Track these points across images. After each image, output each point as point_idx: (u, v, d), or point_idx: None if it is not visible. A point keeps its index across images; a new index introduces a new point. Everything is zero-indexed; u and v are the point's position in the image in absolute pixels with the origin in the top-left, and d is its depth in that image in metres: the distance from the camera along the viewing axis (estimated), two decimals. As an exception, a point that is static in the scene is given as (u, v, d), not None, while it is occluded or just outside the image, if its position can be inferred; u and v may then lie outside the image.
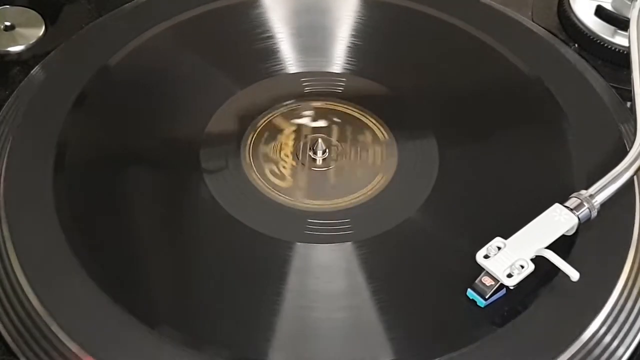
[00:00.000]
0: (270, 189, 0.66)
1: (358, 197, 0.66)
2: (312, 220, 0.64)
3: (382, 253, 0.62)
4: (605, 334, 0.58)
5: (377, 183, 0.67)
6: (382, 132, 0.70)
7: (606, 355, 0.58)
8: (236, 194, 0.65)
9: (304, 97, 0.72)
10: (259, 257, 0.62)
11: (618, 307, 0.59)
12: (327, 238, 0.62)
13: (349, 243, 0.62)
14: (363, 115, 0.71)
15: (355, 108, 0.71)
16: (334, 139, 0.69)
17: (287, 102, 0.72)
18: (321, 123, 0.71)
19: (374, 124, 0.70)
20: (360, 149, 0.69)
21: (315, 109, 0.72)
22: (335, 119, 0.71)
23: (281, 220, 0.64)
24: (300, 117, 0.71)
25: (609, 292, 0.59)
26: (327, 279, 0.61)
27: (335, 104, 0.72)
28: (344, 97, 0.72)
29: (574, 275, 0.57)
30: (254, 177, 0.67)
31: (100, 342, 0.56)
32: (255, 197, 0.65)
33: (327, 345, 0.57)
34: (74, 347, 0.56)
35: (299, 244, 0.62)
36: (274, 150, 0.68)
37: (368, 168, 0.68)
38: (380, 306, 0.59)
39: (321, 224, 0.63)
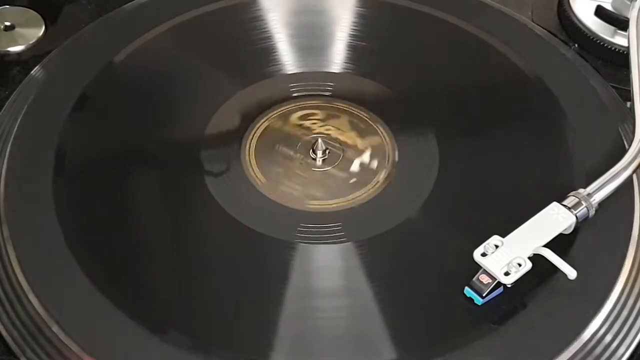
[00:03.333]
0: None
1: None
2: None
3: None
4: (606, 333, 0.58)
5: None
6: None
7: (607, 354, 0.58)
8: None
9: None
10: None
11: (619, 306, 0.59)
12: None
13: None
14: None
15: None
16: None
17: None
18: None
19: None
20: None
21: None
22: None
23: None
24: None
25: (609, 290, 0.59)
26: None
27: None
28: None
29: (571, 273, 0.57)
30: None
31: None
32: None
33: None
34: (74, 347, 0.56)
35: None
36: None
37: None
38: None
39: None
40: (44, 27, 0.79)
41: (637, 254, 0.61)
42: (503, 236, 0.59)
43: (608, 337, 0.58)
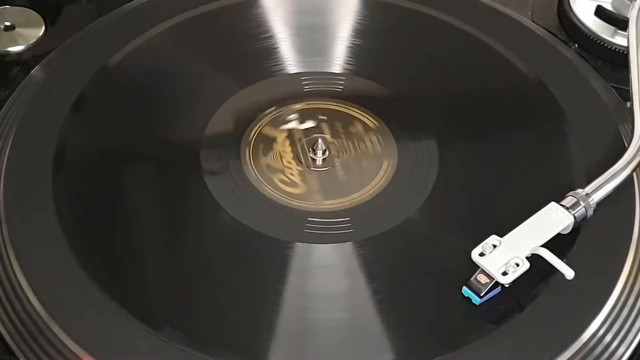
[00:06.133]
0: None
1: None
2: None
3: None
4: (606, 333, 0.58)
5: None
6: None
7: (607, 354, 0.58)
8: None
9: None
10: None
11: (619, 306, 0.59)
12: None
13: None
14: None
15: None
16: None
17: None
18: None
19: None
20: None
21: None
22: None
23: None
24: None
25: (610, 290, 0.59)
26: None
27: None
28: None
29: (568, 273, 0.57)
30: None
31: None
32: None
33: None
34: (74, 347, 0.56)
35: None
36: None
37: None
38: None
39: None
40: (44, 27, 0.78)
41: (637, 254, 0.61)
42: (503, 236, 0.59)
43: (608, 337, 0.58)
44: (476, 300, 0.57)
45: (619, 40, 0.77)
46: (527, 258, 0.57)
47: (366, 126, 0.70)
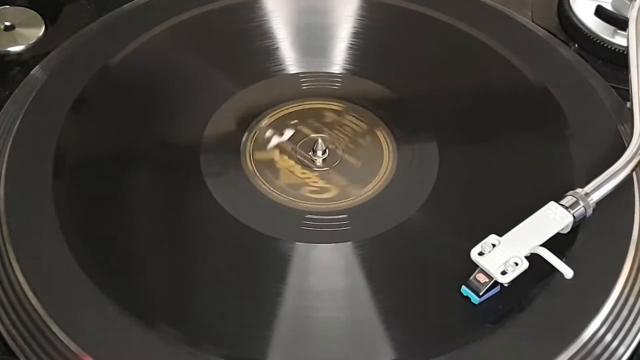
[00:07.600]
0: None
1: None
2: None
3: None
4: (606, 333, 0.58)
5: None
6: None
7: (607, 354, 0.58)
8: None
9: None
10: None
11: (619, 306, 0.59)
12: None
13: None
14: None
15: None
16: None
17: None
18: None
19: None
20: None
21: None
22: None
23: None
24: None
25: (610, 290, 0.59)
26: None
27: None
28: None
29: (567, 273, 0.57)
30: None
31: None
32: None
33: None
34: (74, 347, 0.56)
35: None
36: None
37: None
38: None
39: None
40: (44, 27, 0.79)
41: (637, 254, 0.61)
42: (502, 236, 0.59)
43: (608, 337, 0.58)
44: (475, 299, 0.57)
45: (619, 40, 0.77)
46: (526, 257, 0.57)
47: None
